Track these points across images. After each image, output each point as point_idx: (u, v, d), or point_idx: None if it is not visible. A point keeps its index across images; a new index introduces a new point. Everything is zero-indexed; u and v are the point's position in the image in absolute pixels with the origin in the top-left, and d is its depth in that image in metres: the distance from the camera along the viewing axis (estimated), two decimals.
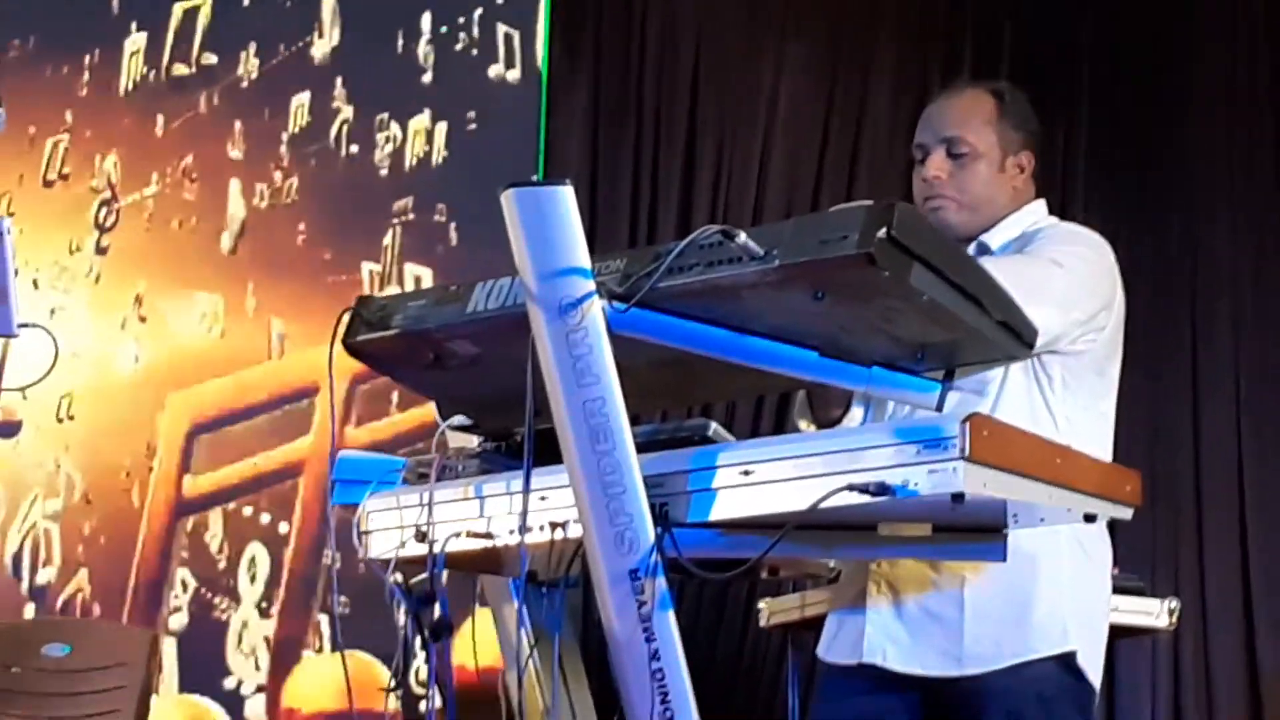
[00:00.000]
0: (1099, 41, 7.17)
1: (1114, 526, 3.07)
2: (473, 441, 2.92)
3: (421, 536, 2.76)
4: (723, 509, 2.50)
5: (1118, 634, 3.66)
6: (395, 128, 7.40)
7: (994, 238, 3.35)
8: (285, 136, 7.42)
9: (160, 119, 7.38)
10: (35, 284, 6.99)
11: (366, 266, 7.34)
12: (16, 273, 3.40)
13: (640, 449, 2.45)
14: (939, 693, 3.30)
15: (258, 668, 6.99)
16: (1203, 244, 6.85)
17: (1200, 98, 6.94)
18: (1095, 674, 3.30)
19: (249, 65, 7.43)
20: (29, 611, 6.79)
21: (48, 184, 7.27)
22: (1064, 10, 7.23)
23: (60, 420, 7.07)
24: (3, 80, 6.93)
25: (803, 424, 3.43)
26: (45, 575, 6.82)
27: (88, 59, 7.40)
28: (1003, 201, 3.40)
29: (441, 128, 7.37)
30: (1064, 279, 3.18)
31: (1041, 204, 3.47)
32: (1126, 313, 3.34)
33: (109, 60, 7.40)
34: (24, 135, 7.18)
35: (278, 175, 7.39)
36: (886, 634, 3.31)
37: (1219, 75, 6.94)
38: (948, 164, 3.37)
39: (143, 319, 7.21)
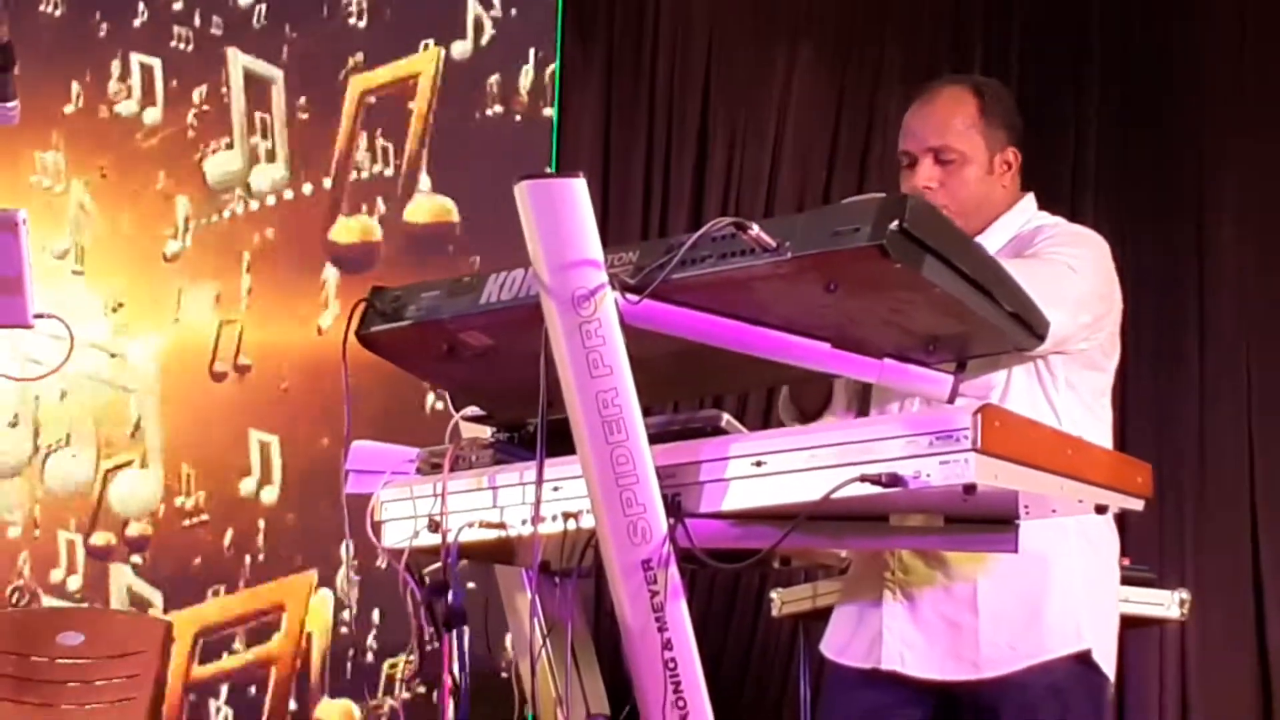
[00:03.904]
0: (1109, 35, 7.15)
1: (1122, 517, 3.08)
2: (486, 432, 2.93)
3: (435, 526, 2.77)
4: (735, 499, 2.51)
5: (1128, 624, 3.67)
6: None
7: (989, 240, 3.34)
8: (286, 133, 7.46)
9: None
10: None
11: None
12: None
13: (653, 440, 2.46)
14: (955, 694, 3.31)
15: None
16: (1211, 237, 6.84)
17: (1210, 94, 6.92)
18: (1109, 666, 3.32)
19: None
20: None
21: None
22: (1074, 4, 7.21)
23: None
24: None
25: (787, 419, 3.45)
26: None
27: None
28: (995, 201, 3.40)
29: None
30: (1077, 283, 3.19)
31: (1031, 199, 3.47)
32: (1135, 304, 3.35)
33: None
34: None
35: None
36: (903, 640, 3.33)
37: (1229, 72, 6.92)
38: (937, 171, 3.36)
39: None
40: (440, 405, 6.39)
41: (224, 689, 7.00)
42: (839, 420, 3.38)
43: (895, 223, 2.32)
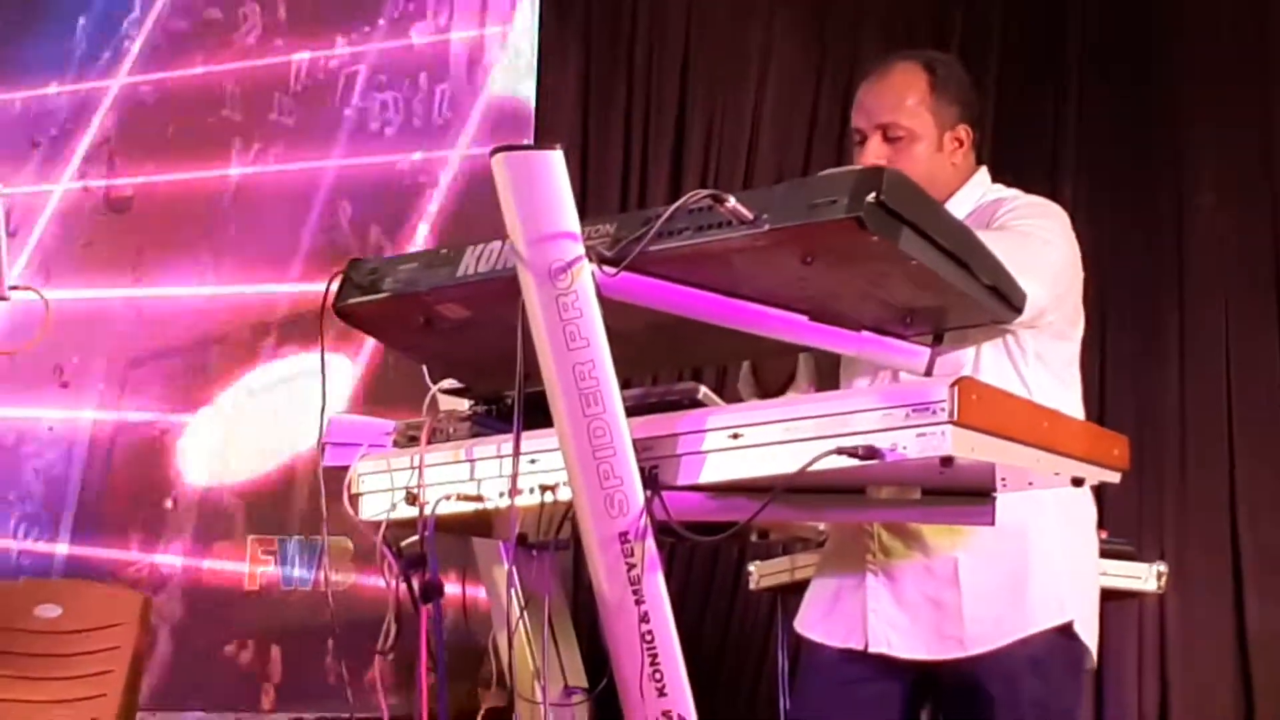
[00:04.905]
0: (1089, 7, 7.16)
1: (1100, 490, 3.08)
2: (463, 404, 2.93)
3: (412, 499, 2.77)
4: (712, 472, 2.51)
5: (1105, 598, 3.66)
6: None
7: None
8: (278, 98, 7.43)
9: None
10: None
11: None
12: (14, 234, 3.41)
13: (630, 412, 2.46)
14: (939, 671, 3.32)
15: None
16: (1192, 208, 6.85)
17: (1189, 65, 6.93)
18: (1090, 637, 3.33)
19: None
20: None
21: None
22: None
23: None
24: None
25: (746, 394, 3.45)
26: None
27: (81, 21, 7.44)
28: (945, 179, 3.39)
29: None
30: (1051, 254, 3.20)
31: (984, 173, 3.47)
32: (1115, 276, 3.36)
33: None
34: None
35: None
36: (889, 622, 3.33)
37: (1208, 44, 6.94)
38: (885, 149, 3.36)
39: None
40: None
41: None
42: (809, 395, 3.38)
43: (872, 195, 2.32)
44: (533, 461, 2.63)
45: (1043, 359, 3.30)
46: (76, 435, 7.19)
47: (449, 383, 2.95)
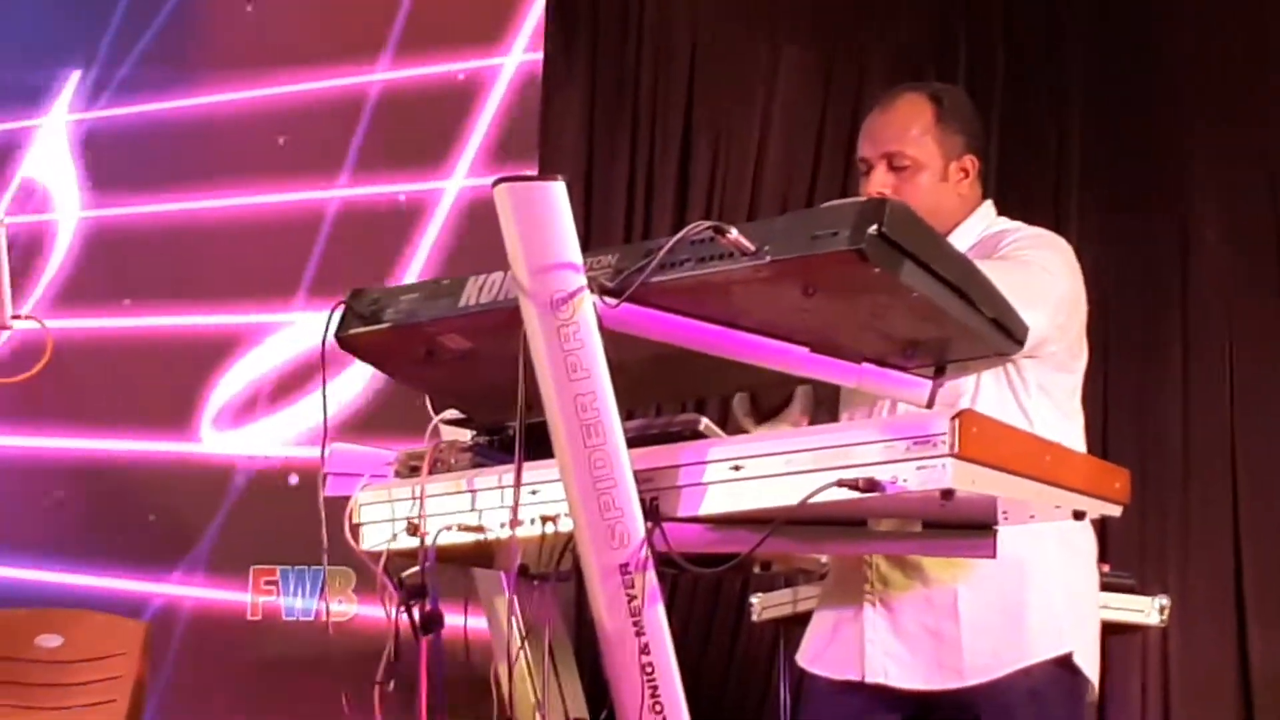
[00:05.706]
0: (1091, 31, 7.15)
1: (1103, 523, 3.08)
2: (465, 435, 2.93)
3: (413, 529, 2.77)
4: (713, 504, 2.51)
5: (1108, 631, 3.66)
6: None
7: None
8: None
9: None
10: None
11: None
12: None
13: (631, 444, 2.46)
14: (937, 702, 3.31)
15: None
16: (1195, 240, 6.84)
17: (1191, 95, 6.93)
18: (1091, 669, 3.32)
19: None
20: None
21: None
22: (1056, 10, 7.21)
23: None
24: None
25: (742, 419, 3.45)
26: None
27: None
28: (950, 209, 3.39)
29: None
30: (1053, 285, 3.20)
31: (989, 206, 3.47)
32: (1118, 304, 3.35)
33: None
34: None
35: None
36: (886, 652, 3.33)
37: (1210, 70, 6.93)
38: (891, 178, 3.36)
39: None
40: None
41: None
42: (799, 426, 3.38)
43: (874, 227, 2.31)
44: (534, 492, 2.62)
45: (1045, 390, 3.29)
46: None
47: (451, 413, 2.95)
